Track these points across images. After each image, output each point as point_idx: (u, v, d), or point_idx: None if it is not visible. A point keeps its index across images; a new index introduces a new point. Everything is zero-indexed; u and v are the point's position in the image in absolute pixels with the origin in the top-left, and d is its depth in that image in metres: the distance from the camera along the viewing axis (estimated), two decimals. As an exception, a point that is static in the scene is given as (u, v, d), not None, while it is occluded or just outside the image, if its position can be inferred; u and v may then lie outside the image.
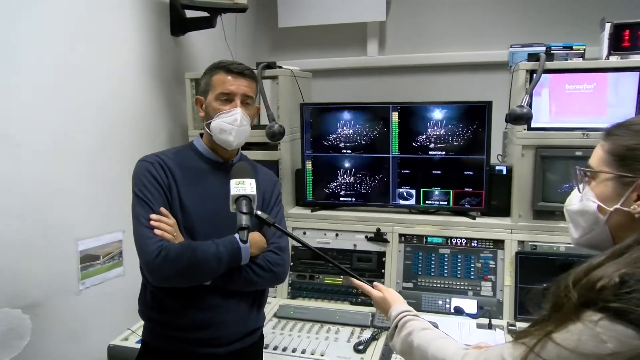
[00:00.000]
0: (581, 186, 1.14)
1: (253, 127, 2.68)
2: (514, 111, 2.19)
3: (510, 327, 2.21)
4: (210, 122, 1.68)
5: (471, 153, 2.52)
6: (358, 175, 2.70)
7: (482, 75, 3.45)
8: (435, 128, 2.54)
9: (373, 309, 2.32)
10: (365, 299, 2.44)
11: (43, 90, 2.08)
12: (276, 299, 2.59)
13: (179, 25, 2.92)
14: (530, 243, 2.41)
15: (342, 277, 2.58)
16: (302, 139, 2.73)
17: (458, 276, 2.47)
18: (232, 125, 1.66)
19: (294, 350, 2.10)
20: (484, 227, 2.50)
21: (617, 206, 1.04)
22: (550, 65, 2.29)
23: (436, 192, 2.62)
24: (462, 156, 2.54)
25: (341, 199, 2.75)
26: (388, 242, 2.58)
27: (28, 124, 2.02)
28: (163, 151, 1.76)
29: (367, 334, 2.21)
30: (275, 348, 2.12)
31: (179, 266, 1.54)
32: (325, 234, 2.69)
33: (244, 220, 1.36)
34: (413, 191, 2.65)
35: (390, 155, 2.63)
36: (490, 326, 2.22)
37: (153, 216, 1.58)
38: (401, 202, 2.67)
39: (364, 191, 2.71)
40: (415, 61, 3.65)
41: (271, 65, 2.73)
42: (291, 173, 2.81)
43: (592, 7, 3.07)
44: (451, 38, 3.59)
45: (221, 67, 1.70)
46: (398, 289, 2.47)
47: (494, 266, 2.43)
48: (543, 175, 2.36)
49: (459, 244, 2.51)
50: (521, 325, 2.17)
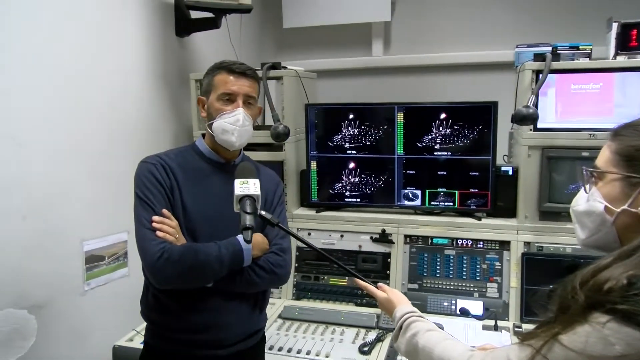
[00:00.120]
0: (588, 187, 1.13)
1: (258, 128, 2.70)
2: (520, 111, 2.17)
3: (516, 329, 2.19)
4: (212, 123, 1.68)
5: (477, 154, 2.51)
6: (363, 176, 2.69)
7: (488, 75, 3.43)
8: (440, 128, 2.53)
9: (378, 310, 2.31)
10: (370, 300, 2.43)
11: (48, 91, 2.08)
12: (281, 300, 2.59)
13: (184, 26, 2.92)
14: (536, 244, 2.39)
15: (347, 278, 2.57)
16: (307, 140, 2.73)
17: (464, 277, 2.45)
18: (235, 125, 1.65)
19: (299, 351, 2.09)
20: (490, 228, 2.48)
21: (625, 207, 1.03)
22: (556, 65, 2.28)
23: (442, 193, 2.60)
24: (468, 157, 2.53)
25: (346, 200, 2.75)
26: (393, 243, 2.57)
27: (33, 125, 2.02)
28: (165, 152, 1.75)
29: (372, 336, 2.20)
30: (280, 349, 2.11)
31: (181, 268, 1.54)
32: (330, 235, 2.68)
33: (248, 220, 1.36)
34: (418, 192, 2.64)
35: (395, 155, 2.62)
36: (496, 328, 2.21)
37: (155, 218, 1.58)
38: (406, 203, 2.66)
39: (369, 192, 2.70)
40: (420, 61, 3.64)
41: (276, 65, 2.73)
42: (296, 174, 2.81)
43: (599, 7, 3.05)
44: (457, 38, 3.58)
45: (223, 67, 1.69)
46: (403, 290, 2.46)
47: (500, 267, 2.42)
48: (549, 176, 2.35)
49: (465, 245, 2.50)
50: (527, 327, 2.15)
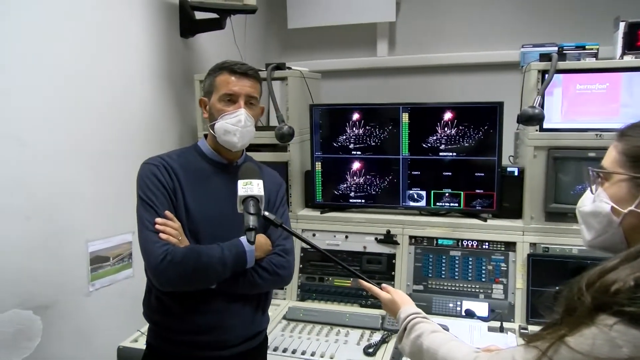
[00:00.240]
0: (594, 187, 1.12)
1: (262, 129, 2.70)
2: (526, 112, 2.16)
3: (522, 331, 2.18)
4: (214, 124, 1.68)
5: (482, 154, 2.50)
6: (368, 176, 2.68)
7: (494, 75, 3.42)
8: (445, 129, 2.52)
9: (383, 312, 2.30)
10: (375, 301, 2.41)
11: (53, 91, 2.09)
12: (285, 301, 2.58)
13: (189, 26, 2.92)
14: (542, 245, 2.38)
15: (352, 279, 2.56)
16: (312, 141, 2.72)
17: (469, 279, 2.44)
18: (236, 126, 1.65)
19: (304, 352, 2.09)
20: (496, 229, 2.47)
21: (632, 208, 1.02)
22: (562, 65, 2.27)
23: (447, 194, 2.59)
24: (473, 157, 2.52)
25: (351, 201, 2.74)
26: (398, 244, 2.56)
27: (38, 126, 2.03)
28: (167, 153, 1.75)
29: (377, 337, 2.19)
30: (284, 350, 2.11)
31: (184, 271, 1.53)
32: (334, 236, 2.67)
33: (252, 221, 1.35)
34: (423, 193, 2.62)
35: (400, 156, 2.61)
36: (501, 329, 2.20)
37: (158, 220, 1.57)
38: (411, 204, 2.65)
39: (374, 193, 2.69)
40: (425, 62, 3.63)
41: (280, 66, 2.73)
42: (300, 175, 2.80)
43: (606, 6, 3.03)
44: (462, 38, 3.57)
45: (224, 68, 1.69)
46: (408, 292, 2.45)
47: (506, 269, 2.40)
48: (555, 176, 2.33)
49: (470, 246, 2.48)
50: (533, 328, 2.14)
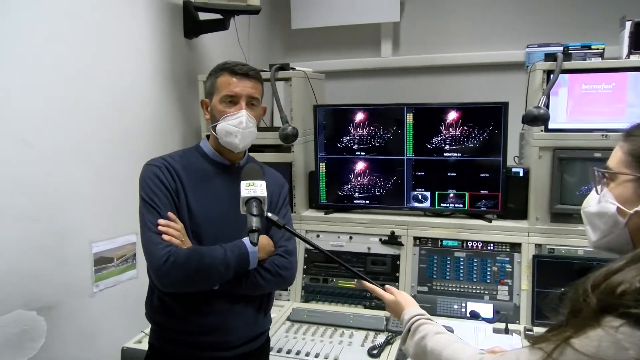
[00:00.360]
0: (599, 188, 1.11)
1: (266, 130, 2.70)
2: (531, 112, 2.15)
3: (527, 332, 2.17)
4: (215, 125, 1.68)
5: (487, 155, 2.49)
6: (372, 177, 2.68)
7: (498, 75, 3.41)
8: (450, 129, 2.51)
9: (387, 313, 2.29)
10: (379, 303, 2.41)
11: (57, 92, 2.09)
12: (289, 303, 2.58)
13: (192, 27, 2.93)
14: (547, 246, 2.37)
15: (356, 281, 2.55)
16: (316, 141, 2.72)
17: (474, 280, 2.43)
18: (238, 127, 1.64)
19: (307, 354, 2.08)
20: (501, 230, 2.46)
21: (638, 209, 1.01)
22: (567, 65, 2.26)
23: (451, 195, 2.58)
24: (478, 158, 2.51)
25: (355, 202, 2.73)
26: (402, 245, 2.55)
27: (42, 127, 2.03)
28: (169, 154, 1.75)
29: (382, 338, 2.19)
30: (288, 352, 2.10)
31: (187, 272, 1.53)
32: (339, 237, 2.67)
33: (255, 222, 1.35)
34: (428, 193, 2.62)
35: (404, 157, 2.60)
36: (506, 331, 2.19)
37: (161, 221, 1.57)
38: (416, 205, 2.64)
39: (378, 194, 2.69)
40: (429, 62, 3.62)
41: (284, 67, 2.73)
42: (304, 175, 2.80)
43: (612, 5, 3.01)
44: (466, 38, 3.55)
45: (225, 69, 1.68)
46: (413, 293, 2.45)
47: (511, 270, 2.39)
48: (561, 177, 2.32)
49: (475, 247, 2.47)
50: (539, 330, 2.13)
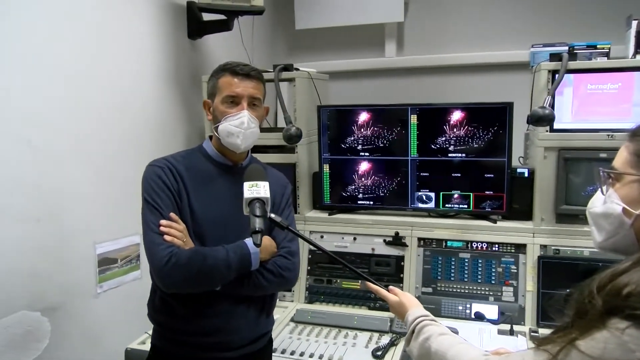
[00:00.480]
0: (604, 188, 1.10)
1: (270, 130, 2.70)
2: (536, 112, 2.14)
3: (532, 334, 2.16)
4: (217, 126, 1.68)
5: (492, 155, 2.48)
6: (376, 178, 2.67)
7: (503, 75, 3.39)
8: (454, 130, 2.50)
9: (391, 314, 2.27)
10: (383, 304, 2.40)
11: (61, 93, 2.10)
12: (293, 304, 2.57)
13: (196, 28, 2.93)
14: (552, 247, 2.35)
15: (360, 282, 2.54)
16: (320, 142, 2.71)
17: (479, 281, 2.42)
18: (239, 128, 1.64)
19: (311, 355, 2.08)
20: (505, 231, 2.45)
21: (644, 210, 1.00)
22: (573, 65, 2.25)
23: (456, 195, 2.57)
24: (483, 158, 2.50)
25: (359, 203, 2.73)
26: (407, 246, 2.54)
27: (46, 128, 2.04)
28: (172, 155, 1.75)
29: (386, 340, 2.18)
30: (292, 353, 2.10)
31: (189, 273, 1.53)
32: (343, 238, 2.66)
33: (258, 223, 1.35)
34: (432, 194, 2.60)
35: (408, 157, 2.59)
36: (511, 332, 2.17)
37: (163, 222, 1.57)
38: (420, 206, 2.63)
39: (382, 194, 2.68)
40: (434, 62, 3.62)
41: (288, 67, 2.73)
42: (308, 176, 2.79)
43: (618, 5, 3.00)
44: (471, 38, 3.55)
45: (227, 70, 1.68)
46: (417, 294, 2.43)
47: (516, 271, 2.38)
48: (566, 177, 2.31)
49: (480, 248, 2.46)
50: (544, 331, 2.12)
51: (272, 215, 1.43)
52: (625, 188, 1.05)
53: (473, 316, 2.33)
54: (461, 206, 2.57)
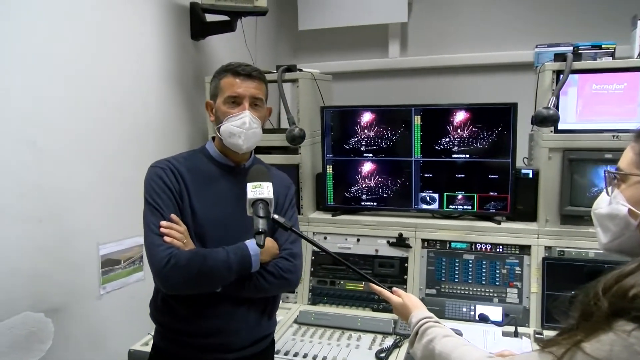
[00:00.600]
0: (610, 189, 1.10)
1: (273, 131, 2.70)
2: (540, 113, 2.13)
3: (537, 336, 2.15)
4: (220, 126, 1.67)
5: (496, 156, 2.47)
6: (380, 179, 2.66)
7: (507, 76, 3.39)
8: (458, 131, 2.49)
9: (395, 316, 2.27)
10: (387, 306, 2.39)
11: (64, 94, 2.10)
12: (297, 305, 2.57)
13: (199, 29, 2.93)
14: (557, 249, 2.34)
15: (364, 283, 2.54)
16: (323, 143, 2.70)
17: (483, 283, 2.41)
18: (241, 128, 1.64)
19: (315, 357, 2.07)
20: (510, 232, 2.44)
21: (650, 211, 0.99)
22: (577, 65, 2.24)
23: (460, 197, 2.56)
24: (487, 159, 2.49)
25: (362, 204, 2.72)
26: (410, 248, 2.53)
27: (47, 128, 2.04)
28: (174, 156, 1.75)
29: (389, 341, 2.17)
30: (295, 355, 2.09)
31: (189, 274, 1.53)
32: (346, 239, 2.65)
33: (261, 224, 1.35)
34: (436, 195, 2.60)
35: (412, 158, 2.59)
36: (516, 334, 2.16)
37: (163, 223, 1.57)
38: (424, 207, 2.62)
39: (386, 195, 2.67)
40: (437, 62, 3.61)
41: (291, 68, 2.73)
42: (312, 177, 2.79)
43: (623, 4, 2.98)
44: (475, 39, 3.54)
45: (229, 70, 1.68)
46: (421, 296, 2.43)
47: (520, 272, 2.37)
48: (571, 178, 2.30)
49: (484, 250, 2.45)
50: (549, 333, 2.11)
51: (276, 216, 1.43)
52: (631, 189, 1.04)
53: (477, 318, 2.32)
54: (465, 207, 2.56)
